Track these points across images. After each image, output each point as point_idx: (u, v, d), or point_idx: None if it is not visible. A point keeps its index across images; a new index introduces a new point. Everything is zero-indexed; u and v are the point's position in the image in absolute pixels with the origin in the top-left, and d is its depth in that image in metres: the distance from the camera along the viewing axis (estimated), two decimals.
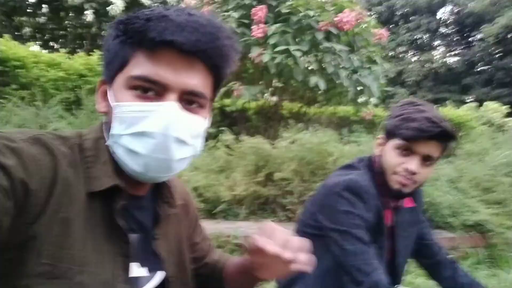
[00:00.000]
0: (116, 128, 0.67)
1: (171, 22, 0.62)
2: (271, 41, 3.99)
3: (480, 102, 10.89)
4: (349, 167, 1.40)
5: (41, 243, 0.58)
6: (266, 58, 3.91)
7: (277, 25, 4.01)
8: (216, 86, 0.74)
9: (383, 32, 4.84)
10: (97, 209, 0.67)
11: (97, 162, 0.69)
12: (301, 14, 4.11)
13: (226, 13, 4.22)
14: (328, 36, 4.25)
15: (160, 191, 0.79)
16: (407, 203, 1.39)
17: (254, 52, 4.04)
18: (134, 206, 0.74)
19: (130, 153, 0.66)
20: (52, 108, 2.92)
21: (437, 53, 22.48)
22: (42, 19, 7.07)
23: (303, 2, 4.23)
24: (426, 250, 1.47)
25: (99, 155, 0.69)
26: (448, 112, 7.08)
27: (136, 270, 0.73)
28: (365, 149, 3.28)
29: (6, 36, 3.64)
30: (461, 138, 5.49)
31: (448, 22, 23.15)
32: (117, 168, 0.69)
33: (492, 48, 19.23)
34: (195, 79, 0.66)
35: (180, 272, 0.84)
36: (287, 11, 4.19)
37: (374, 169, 1.35)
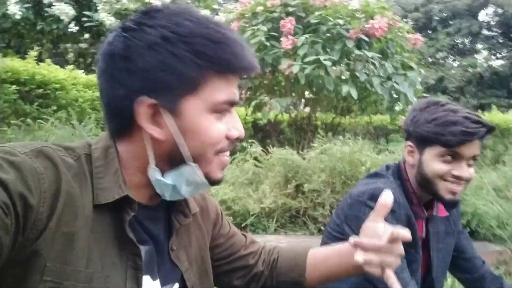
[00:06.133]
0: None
1: (238, 47, 0.65)
2: (301, 52, 3.97)
3: None
4: (376, 175, 1.32)
5: (44, 259, 0.56)
6: (296, 69, 3.89)
7: (306, 35, 3.99)
8: None
9: (418, 37, 4.69)
10: (105, 222, 0.64)
11: (106, 172, 0.66)
12: (330, 23, 4.07)
13: (255, 27, 4.25)
14: (359, 43, 4.17)
15: (174, 201, 0.76)
16: (441, 211, 1.29)
17: (284, 64, 4.03)
18: (146, 217, 0.71)
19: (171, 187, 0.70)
20: (87, 126, 3.04)
21: (480, 57, 21.48)
22: (84, 45, 7.48)
23: (332, 11, 4.19)
24: (466, 264, 1.35)
25: (108, 165, 0.67)
26: (495, 116, 6.69)
27: (149, 283, 0.70)
28: (399, 157, 3.12)
29: (48, 60, 3.87)
30: (510, 144, 5.15)
31: (491, 24, 22.15)
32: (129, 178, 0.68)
33: None
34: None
35: (202, 281, 0.81)
36: (316, 21, 4.16)
37: (403, 176, 1.27)
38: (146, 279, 0.69)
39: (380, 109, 4.95)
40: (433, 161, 1.17)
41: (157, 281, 0.72)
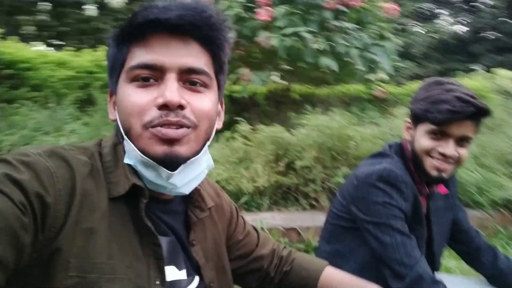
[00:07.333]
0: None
1: (155, 7, 0.64)
2: (278, 23, 3.89)
3: (488, 70, 10.57)
4: (380, 155, 1.35)
5: (66, 256, 0.58)
6: (273, 41, 3.82)
7: (284, 6, 3.90)
8: (217, 65, 0.73)
9: (394, 6, 4.71)
10: (123, 214, 0.66)
11: (116, 167, 0.69)
12: None
13: None
14: (337, 14, 4.14)
15: (190, 195, 0.77)
16: (440, 188, 1.35)
17: (261, 36, 3.95)
18: (162, 210, 0.73)
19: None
20: (66, 109, 2.90)
21: (443, 23, 21.92)
22: (44, 17, 7.03)
23: None
24: (463, 237, 1.43)
25: (117, 160, 0.69)
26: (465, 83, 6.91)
27: (174, 273, 0.71)
28: (386, 130, 3.21)
29: (13, 38, 3.61)
30: None
31: None
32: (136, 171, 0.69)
33: (500, 13, 18.73)
34: (191, 57, 0.67)
35: (219, 277, 0.82)
36: None
37: (406, 155, 1.30)
38: (171, 269, 0.71)
39: (356, 79, 5.00)
40: (422, 137, 1.21)
41: (184, 271, 0.74)
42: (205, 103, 0.68)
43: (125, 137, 0.67)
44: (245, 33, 4.09)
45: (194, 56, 0.67)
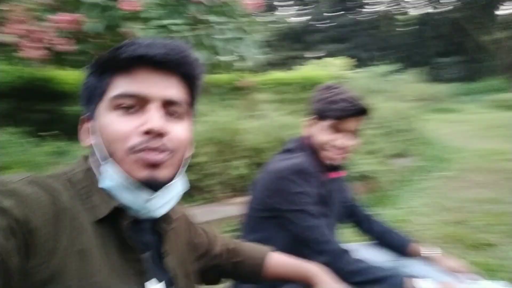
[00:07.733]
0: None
1: (140, 43, 0.70)
2: (144, 14, 3.76)
3: (320, 58, 12.20)
4: (288, 151, 1.52)
5: (65, 280, 0.60)
6: (139, 33, 3.68)
7: None
8: (191, 97, 0.80)
9: (250, 2, 5.00)
10: (106, 235, 0.69)
11: (93, 191, 0.71)
12: None
13: None
14: (203, 8, 4.21)
15: None
16: (336, 174, 1.60)
17: (125, 27, 3.75)
18: (136, 230, 0.76)
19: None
20: None
21: (282, 14, 24.07)
22: None
23: None
24: (349, 211, 1.72)
25: (92, 185, 0.72)
26: (304, 73, 7.80)
27: (154, 286, 0.76)
28: (267, 122, 3.45)
29: None
30: None
31: None
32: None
33: (332, 7, 21.57)
34: (172, 89, 0.74)
35: (188, 283, 0.89)
36: None
37: (307, 149, 1.51)
38: (152, 283, 0.76)
39: (222, 69, 5.19)
40: (320, 133, 1.45)
41: (163, 284, 0.79)
42: (182, 131, 0.75)
43: (107, 158, 0.70)
44: (112, 24, 3.82)
45: (174, 89, 0.74)
